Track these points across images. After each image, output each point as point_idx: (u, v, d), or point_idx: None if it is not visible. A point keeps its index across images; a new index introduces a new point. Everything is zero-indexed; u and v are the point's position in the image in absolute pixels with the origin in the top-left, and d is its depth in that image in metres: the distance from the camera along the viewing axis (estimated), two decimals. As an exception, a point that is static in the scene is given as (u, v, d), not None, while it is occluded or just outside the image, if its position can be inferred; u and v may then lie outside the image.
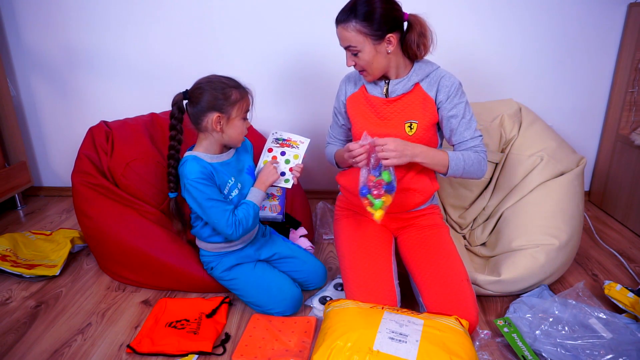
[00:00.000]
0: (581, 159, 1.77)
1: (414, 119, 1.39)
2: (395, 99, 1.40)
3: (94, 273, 1.75)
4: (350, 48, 1.31)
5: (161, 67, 2.27)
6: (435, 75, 1.38)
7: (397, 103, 1.40)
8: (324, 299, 1.52)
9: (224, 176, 1.43)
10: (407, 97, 1.39)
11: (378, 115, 1.43)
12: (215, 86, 1.35)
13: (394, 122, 1.40)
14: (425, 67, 1.39)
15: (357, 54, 1.32)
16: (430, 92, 1.38)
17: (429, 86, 1.38)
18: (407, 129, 1.39)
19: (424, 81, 1.39)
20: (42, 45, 2.27)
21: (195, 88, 1.39)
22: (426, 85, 1.38)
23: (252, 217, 1.41)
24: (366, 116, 1.44)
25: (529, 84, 2.21)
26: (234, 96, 1.35)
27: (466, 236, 1.86)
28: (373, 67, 1.34)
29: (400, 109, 1.40)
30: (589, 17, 2.09)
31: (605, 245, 1.93)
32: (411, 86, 1.38)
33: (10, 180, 2.27)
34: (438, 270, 1.35)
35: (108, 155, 1.76)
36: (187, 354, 1.29)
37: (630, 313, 1.41)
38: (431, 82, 1.38)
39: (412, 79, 1.38)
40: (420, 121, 1.38)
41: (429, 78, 1.38)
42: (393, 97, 1.40)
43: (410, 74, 1.38)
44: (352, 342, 1.07)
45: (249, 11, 2.15)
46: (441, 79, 1.37)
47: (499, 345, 1.32)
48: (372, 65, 1.33)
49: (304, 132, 2.35)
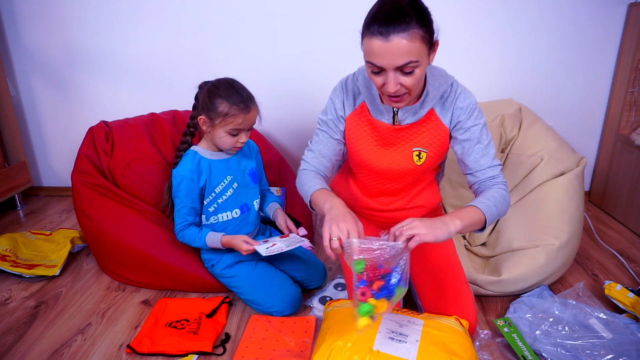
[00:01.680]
0: (581, 159, 1.77)
1: (424, 147, 1.21)
2: (405, 127, 1.20)
3: (94, 273, 1.75)
4: (411, 64, 0.99)
5: (161, 67, 2.27)
6: (450, 95, 1.18)
7: (406, 130, 1.21)
8: (324, 299, 1.52)
9: (220, 174, 1.45)
10: (419, 124, 1.20)
11: (382, 142, 1.23)
12: (212, 91, 1.36)
13: (401, 150, 1.23)
14: (439, 85, 1.16)
15: (413, 71, 1.01)
16: (444, 118, 1.19)
17: (442, 111, 1.19)
18: (415, 159, 1.23)
19: (438, 105, 1.19)
20: (42, 45, 2.27)
21: (203, 84, 1.41)
22: (440, 110, 1.19)
23: (192, 245, 1.49)
24: (368, 143, 1.24)
25: (529, 84, 2.21)
26: (220, 108, 1.33)
27: (466, 236, 1.86)
28: (418, 87, 1.08)
29: (409, 135, 1.21)
30: (589, 17, 2.09)
31: (605, 245, 1.93)
32: (424, 114, 1.18)
33: (10, 180, 2.27)
34: (436, 272, 1.34)
35: (108, 155, 1.76)
36: (187, 354, 1.29)
37: (630, 313, 1.40)
38: (445, 106, 1.19)
39: (425, 105, 1.17)
40: (430, 150, 1.22)
41: (443, 100, 1.19)
42: (404, 125, 1.20)
43: (423, 98, 1.16)
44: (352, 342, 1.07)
45: (250, 12, 2.15)
46: (456, 101, 1.18)
47: (499, 345, 1.32)
48: (419, 83, 1.06)
49: (304, 132, 2.35)
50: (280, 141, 2.38)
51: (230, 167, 1.47)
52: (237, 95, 1.34)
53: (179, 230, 1.47)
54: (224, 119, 1.34)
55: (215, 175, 1.45)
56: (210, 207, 1.48)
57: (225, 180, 1.46)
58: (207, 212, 1.48)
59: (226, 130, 1.36)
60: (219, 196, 1.46)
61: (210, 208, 1.48)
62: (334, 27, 2.15)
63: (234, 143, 1.39)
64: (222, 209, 1.48)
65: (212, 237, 1.44)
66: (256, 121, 1.42)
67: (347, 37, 2.17)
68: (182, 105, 2.18)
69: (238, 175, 1.49)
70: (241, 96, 1.34)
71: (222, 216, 1.50)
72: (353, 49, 2.16)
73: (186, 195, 1.44)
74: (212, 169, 1.44)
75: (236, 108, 1.33)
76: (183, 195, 1.44)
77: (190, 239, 1.46)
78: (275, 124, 2.33)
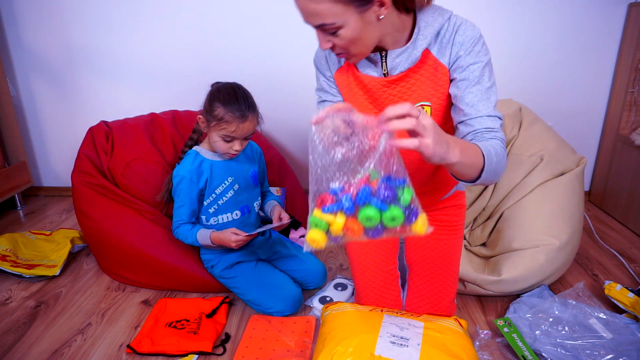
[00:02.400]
0: (581, 159, 1.77)
1: (426, 100, 1.03)
2: (399, 77, 1.02)
3: (94, 273, 1.75)
4: (326, 26, 0.88)
5: (161, 67, 2.27)
6: (448, 29, 0.99)
7: (403, 82, 1.03)
8: (324, 299, 1.52)
9: (221, 176, 1.46)
10: (414, 71, 1.01)
11: (374, 101, 1.07)
12: (214, 93, 1.36)
13: None
14: (434, 20, 0.98)
15: (337, 32, 0.89)
16: (443, 58, 0.99)
17: (441, 49, 0.99)
18: None
19: (435, 44, 0.99)
20: (42, 45, 2.27)
21: (213, 85, 1.42)
22: (437, 50, 0.99)
23: (185, 242, 1.49)
24: (358, 103, 1.08)
25: (529, 84, 2.21)
26: (217, 112, 1.33)
27: (466, 236, 1.86)
28: (361, 45, 0.93)
29: (406, 89, 1.03)
30: (589, 17, 2.09)
31: (605, 245, 1.93)
32: (419, 55, 0.99)
33: (10, 180, 2.27)
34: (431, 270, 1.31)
35: (108, 155, 1.76)
36: (187, 354, 1.29)
37: (630, 313, 1.40)
38: (444, 43, 0.99)
39: (418, 45, 0.98)
40: (433, 102, 1.03)
41: (441, 37, 0.99)
42: (395, 74, 1.02)
43: (414, 37, 0.98)
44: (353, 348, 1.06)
45: (250, 12, 2.15)
46: (456, 34, 0.98)
47: (499, 345, 1.32)
48: (359, 42, 0.92)
49: (304, 132, 2.35)
50: (280, 141, 2.38)
51: (231, 169, 1.47)
52: (236, 103, 1.32)
53: (175, 227, 1.48)
54: (218, 124, 1.34)
55: (217, 177, 1.45)
56: (211, 208, 1.47)
57: (227, 182, 1.46)
58: (207, 213, 1.48)
59: (219, 135, 1.36)
60: (219, 197, 1.46)
61: (211, 209, 1.48)
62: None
63: (227, 149, 1.39)
64: (223, 211, 1.48)
65: (202, 234, 1.44)
66: (255, 130, 1.41)
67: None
68: (182, 105, 2.18)
69: (239, 176, 1.49)
70: (239, 105, 1.32)
71: (223, 217, 1.49)
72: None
73: (185, 195, 1.44)
74: (213, 170, 1.44)
75: (231, 115, 1.32)
76: (182, 195, 1.44)
77: (183, 235, 1.46)
78: (275, 124, 2.33)
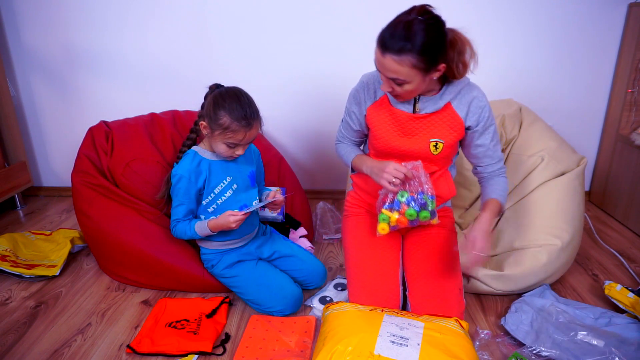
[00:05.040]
0: (582, 159, 1.77)
1: (440, 138, 1.32)
2: (424, 116, 1.31)
3: (94, 273, 1.75)
4: (398, 80, 1.17)
5: (161, 67, 2.27)
6: (466, 93, 1.29)
7: (425, 120, 1.32)
8: (324, 299, 1.52)
9: (220, 175, 1.46)
10: (437, 115, 1.31)
11: (402, 130, 1.34)
12: (217, 101, 1.34)
13: (419, 139, 1.34)
14: (458, 82, 1.29)
15: (402, 85, 1.18)
16: (460, 112, 1.30)
17: (459, 105, 1.30)
18: (432, 148, 1.33)
19: (455, 99, 1.30)
20: (42, 45, 2.27)
21: (213, 87, 1.41)
22: (456, 104, 1.30)
23: (184, 238, 1.49)
24: (389, 130, 1.35)
25: (529, 84, 2.21)
26: (222, 120, 1.32)
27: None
28: (413, 93, 1.24)
29: (427, 126, 1.32)
30: (589, 17, 2.09)
31: (606, 245, 1.93)
32: (442, 105, 1.30)
33: (10, 180, 2.27)
34: (432, 272, 1.34)
35: (108, 155, 1.76)
36: (187, 354, 1.29)
37: (630, 313, 1.40)
38: (462, 101, 1.30)
39: (444, 98, 1.29)
40: (446, 141, 1.32)
41: (460, 96, 1.30)
42: (422, 114, 1.31)
43: (442, 92, 1.29)
44: (352, 347, 1.06)
45: (250, 12, 2.15)
46: (473, 100, 1.29)
47: (499, 345, 1.32)
48: (413, 93, 1.23)
49: (303, 132, 2.35)
50: (280, 141, 2.38)
51: (230, 169, 1.48)
52: (241, 110, 1.32)
53: (172, 226, 1.48)
54: (224, 132, 1.33)
55: (215, 176, 1.45)
56: (210, 207, 1.47)
57: (225, 181, 1.46)
58: (206, 213, 1.48)
59: (224, 142, 1.36)
60: (218, 197, 1.47)
61: (210, 208, 1.48)
62: (334, 28, 2.15)
63: (230, 153, 1.40)
64: (222, 210, 1.48)
65: (200, 225, 1.44)
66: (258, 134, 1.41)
67: (348, 38, 2.18)
68: (182, 105, 2.18)
69: (237, 176, 1.49)
70: (245, 112, 1.32)
71: None
72: (353, 50, 2.18)
73: (183, 195, 1.44)
74: (212, 169, 1.45)
75: (237, 124, 1.32)
76: (180, 194, 1.44)
77: (182, 230, 1.46)
78: (275, 124, 2.33)
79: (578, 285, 1.64)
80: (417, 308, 1.29)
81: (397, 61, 1.12)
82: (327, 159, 2.39)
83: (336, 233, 2.03)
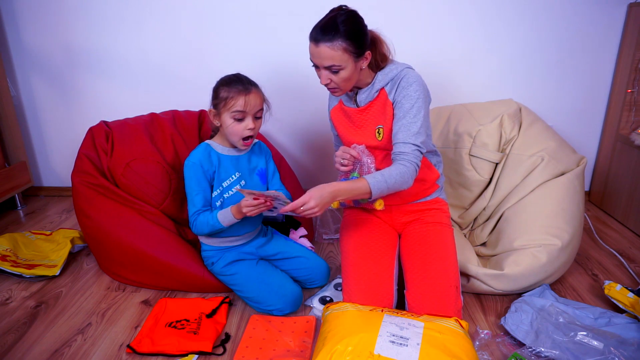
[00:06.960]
0: (581, 159, 1.77)
1: (381, 123, 1.41)
2: (366, 107, 1.43)
3: (94, 273, 1.75)
4: (334, 67, 1.29)
5: (161, 67, 2.27)
6: (399, 76, 1.37)
7: (367, 111, 1.43)
8: (324, 298, 1.52)
9: (229, 169, 1.49)
10: (374, 104, 1.41)
11: (354, 124, 1.47)
12: (217, 84, 1.44)
13: (366, 129, 1.44)
14: (389, 71, 1.39)
15: (338, 72, 1.30)
16: (390, 95, 1.38)
17: (391, 89, 1.39)
18: (376, 135, 1.42)
19: (388, 85, 1.39)
20: (42, 45, 2.27)
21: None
22: (389, 89, 1.39)
23: (207, 230, 1.46)
24: (345, 126, 1.49)
25: (529, 84, 2.21)
26: (222, 93, 1.40)
27: (466, 236, 1.86)
28: (348, 84, 1.35)
29: (370, 115, 1.43)
30: (589, 17, 2.09)
31: (605, 245, 1.93)
32: (375, 93, 1.40)
33: (10, 180, 2.27)
34: (429, 270, 1.34)
35: (108, 155, 1.76)
36: (187, 354, 1.29)
37: (630, 313, 1.41)
38: (394, 85, 1.38)
39: (376, 86, 1.40)
40: (385, 126, 1.40)
41: (393, 81, 1.38)
42: (363, 106, 1.43)
43: (373, 81, 1.40)
44: (352, 346, 1.06)
45: (249, 11, 2.15)
46: (402, 80, 1.36)
47: (499, 345, 1.32)
48: (348, 82, 1.34)
49: (303, 132, 2.35)
50: (280, 141, 2.38)
51: (239, 165, 1.51)
52: (238, 81, 1.41)
53: (193, 220, 1.47)
54: (226, 103, 1.39)
55: (224, 169, 1.48)
56: (217, 201, 1.49)
57: (234, 176, 1.49)
58: (214, 206, 1.49)
59: (230, 115, 1.40)
60: (225, 191, 1.48)
61: (217, 202, 1.49)
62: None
63: (242, 130, 1.41)
64: (228, 204, 1.48)
65: (223, 213, 1.43)
66: (264, 108, 1.46)
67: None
68: (182, 105, 2.18)
69: (246, 173, 1.52)
70: (241, 81, 1.41)
71: None
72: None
73: (197, 183, 1.45)
74: (221, 162, 1.48)
75: (235, 90, 1.39)
76: (194, 183, 1.46)
77: (204, 221, 1.44)
78: (275, 124, 2.33)
79: (578, 285, 1.64)
80: (414, 305, 1.29)
81: (330, 47, 1.26)
82: (327, 159, 2.39)
83: (336, 233, 2.03)
